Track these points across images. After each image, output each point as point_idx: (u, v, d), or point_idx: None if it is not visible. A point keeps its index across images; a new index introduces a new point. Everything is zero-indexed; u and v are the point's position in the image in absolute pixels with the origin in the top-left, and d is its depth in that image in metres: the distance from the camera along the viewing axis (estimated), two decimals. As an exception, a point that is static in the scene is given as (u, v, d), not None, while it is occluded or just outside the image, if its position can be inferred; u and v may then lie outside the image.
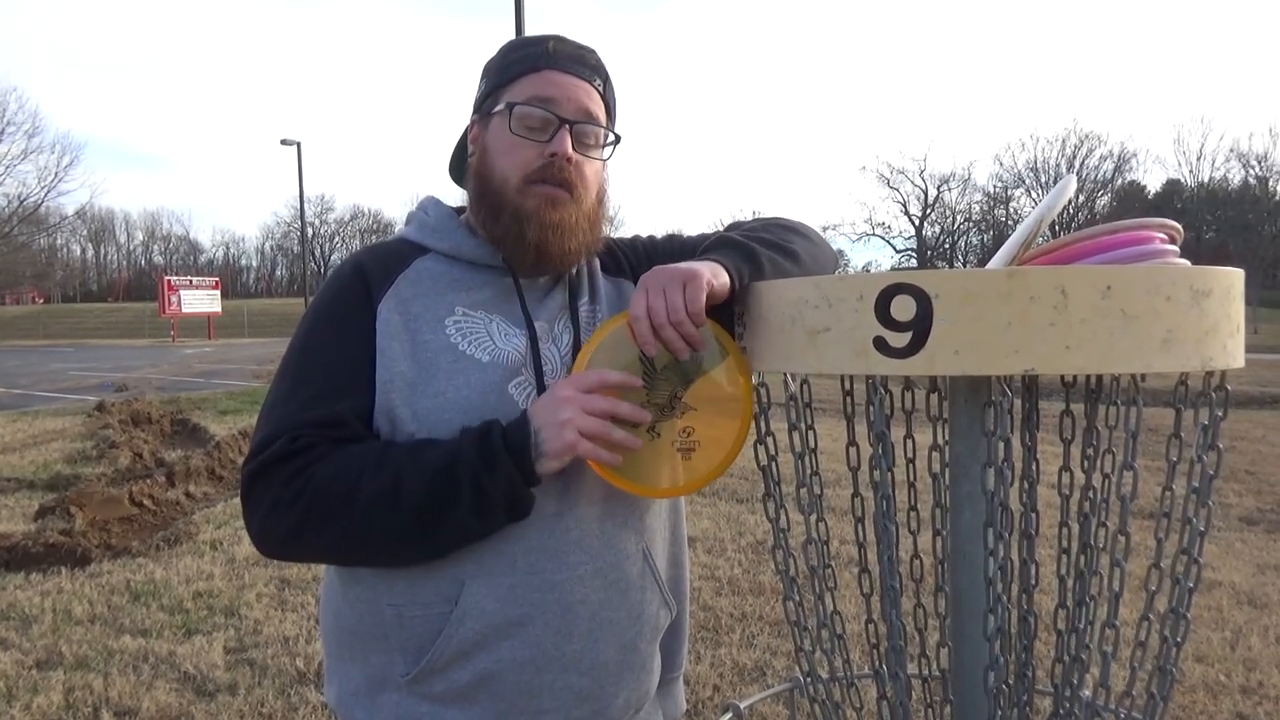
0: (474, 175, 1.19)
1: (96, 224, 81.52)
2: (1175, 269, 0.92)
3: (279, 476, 1.05)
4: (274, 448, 1.06)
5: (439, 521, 1.04)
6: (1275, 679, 3.48)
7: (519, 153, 1.14)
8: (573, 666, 1.12)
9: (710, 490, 6.54)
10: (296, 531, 1.05)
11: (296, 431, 1.07)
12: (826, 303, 0.97)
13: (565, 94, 1.15)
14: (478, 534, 1.07)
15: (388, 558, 1.09)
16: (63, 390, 15.16)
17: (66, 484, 6.72)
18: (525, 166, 1.14)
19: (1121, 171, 55.48)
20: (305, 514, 1.04)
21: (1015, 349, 0.88)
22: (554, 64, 1.16)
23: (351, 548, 1.08)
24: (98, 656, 3.67)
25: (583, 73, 1.17)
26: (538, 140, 1.14)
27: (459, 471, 1.03)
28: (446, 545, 1.07)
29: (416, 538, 1.05)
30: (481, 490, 1.03)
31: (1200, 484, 1.08)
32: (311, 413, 1.08)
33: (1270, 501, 6.42)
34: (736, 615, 4.10)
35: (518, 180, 1.14)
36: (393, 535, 1.05)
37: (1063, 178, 1.17)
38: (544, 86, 1.15)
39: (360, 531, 1.04)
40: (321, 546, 1.08)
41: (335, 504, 1.03)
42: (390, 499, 1.03)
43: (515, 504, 1.05)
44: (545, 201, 1.13)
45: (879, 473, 1.14)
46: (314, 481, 1.04)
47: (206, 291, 40.11)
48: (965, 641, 1.10)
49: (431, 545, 1.07)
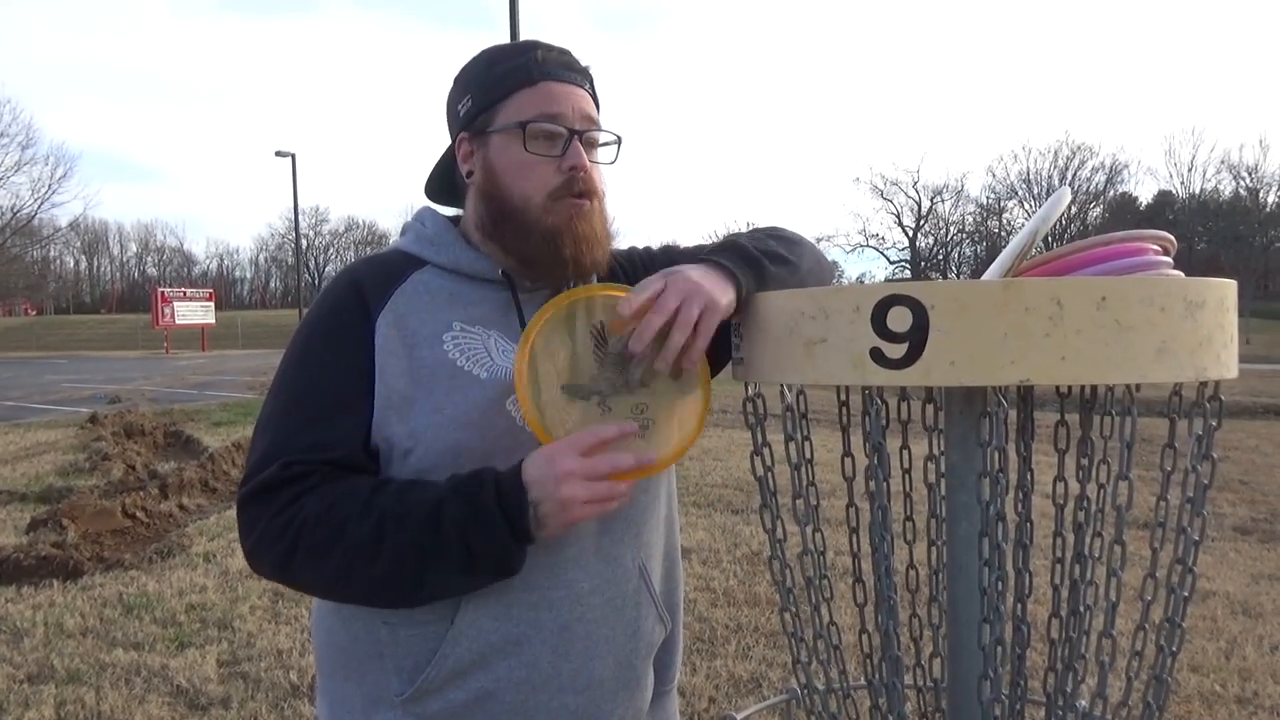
0: (484, 197, 1.16)
1: (90, 236, 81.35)
2: (1169, 280, 0.93)
3: (269, 507, 1.04)
4: (267, 473, 1.05)
5: (420, 575, 1.02)
6: (1270, 689, 3.48)
7: (537, 172, 1.13)
8: (569, 686, 1.11)
9: (705, 501, 6.53)
10: (282, 566, 1.05)
11: (290, 457, 1.05)
12: (823, 314, 0.97)
13: (568, 104, 1.14)
14: (462, 591, 1.05)
15: (370, 602, 1.08)
16: (55, 402, 15.10)
17: (59, 496, 6.69)
18: (546, 185, 1.12)
19: (1114, 183, 55.85)
20: (290, 551, 1.03)
21: (1011, 360, 0.88)
22: (548, 74, 1.14)
23: (333, 591, 1.08)
24: (90, 670, 3.65)
25: (574, 78, 1.16)
26: (551, 156, 1.13)
27: (446, 529, 1.00)
28: (427, 597, 1.05)
29: (396, 588, 1.03)
30: (471, 551, 1.01)
31: (1195, 494, 1.08)
32: (307, 436, 1.06)
33: (1264, 511, 6.43)
34: (732, 627, 4.09)
35: (541, 199, 1.13)
36: (373, 584, 1.03)
37: (1055, 189, 1.18)
38: (547, 100, 1.13)
39: (342, 578, 1.03)
40: (305, 584, 1.08)
41: (319, 547, 1.02)
42: (371, 549, 1.01)
43: (508, 566, 1.03)
44: (574, 215, 1.13)
45: (875, 483, 1.14)
46: (300, 519, 1.02)
47: (200, 303, 40.09)
48: (960, 652, 1.10)
49: (411, 596, 1.05)
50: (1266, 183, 51.03)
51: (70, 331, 50.93)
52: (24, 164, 42.62)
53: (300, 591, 1.14)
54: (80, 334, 49.34)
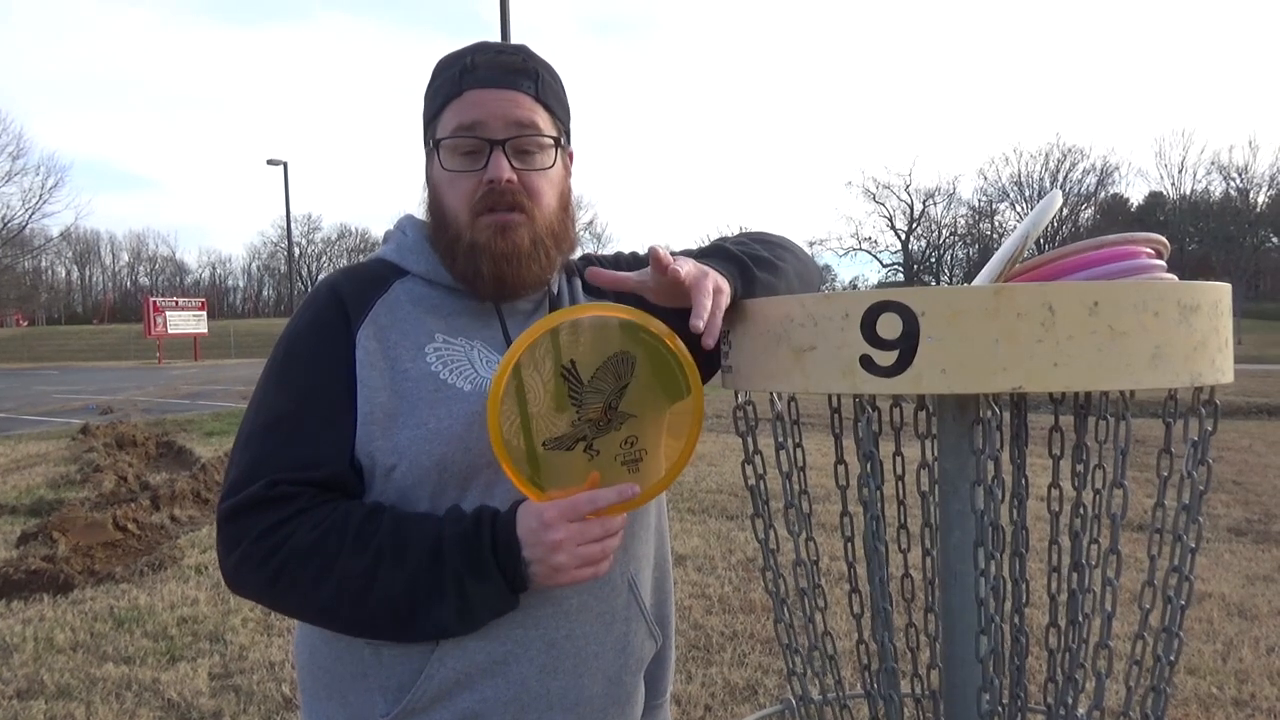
0: (428, 212, 1.16)
1: (82, 246, 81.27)
2: (1162, 284, 0.92)
3: (252, 529, 1.02)
4: (250, 491, 1.03)
5: (413, 615, 1.01)
6: (1267, 691, 3.48)
7: (459, 186, 1.11)
8: (557, 704, 1.09)
9: (700, 508, 6.51)
10: (266, 590, 1.03)
11: (276, 475, 1.03)
12: (812, 321, 0.96)
13: (489, 111, 1.09)
14: (457, 633, 1.04)
15: (356, 634, 1.06)
16: (47, 413, 15.02)
17: (49, 509, 6.64)
18: (469, 199, 1.10)
19: (1105, 185, 56.05)
20: (275, 578, 1.01)
21: (1003, 366, 0.87)
22: (475, 81, 1.10)
23: (319, 621, 1.07)
24: (80, 685, 3.62)
25: (507, 80, 1.11)
26: (474, 170, 1.10)
27: (444, 576, 1.00)
28: (420, 636, 1.04)
29: (387, 624, 1.02)
30: (467, 599, 1.01)
31: (1190, 500, 1.07)
32: (291, 453, 1.04)
33: (1258, 512, 6.44)
34: (727, 634, 4.07)
35: (466, 215, 1.10)
36: (362, 619, 1.02)
37: (1047, 191, 1.16)
38: (466, 110, 1.09)
39: (330, 610, 1.02)
40: (288, 611, 1.07)
41: (307, 577, 1.00)
42: (364, 586, 1.00)
43: (500, 612, 1.04)
44: (494, 231, 1.09)
45: (868, 491, 1.12)
46: (288, 546, 1.00)
47: (192, 312, 39.99)
48: (957, 663, 1.08)
49: (402, 634, 1.04)
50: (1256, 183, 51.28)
51: (62, 342, 50.79)
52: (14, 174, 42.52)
53: (279, 614, 1.12)
54: (72, 344, 49.21)
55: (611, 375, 1.02)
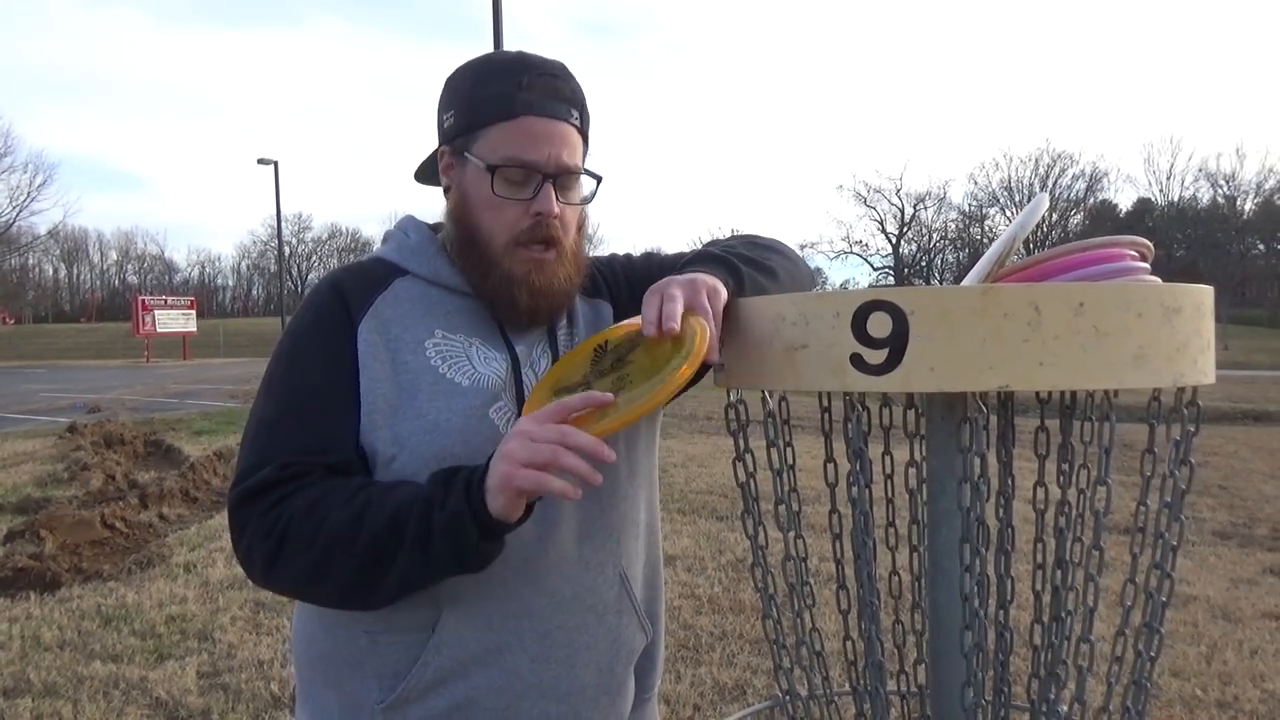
0: (454, 220, 1.16)
1: (70, 244, 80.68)
2: (1146, 286, 0.94)
3: (261, 505, 1.03)
4: (261, 474, 1.04)
5: (388, 562, 0.99)
6: (1250, 693, 3.51)
7: (504, 213, 1.11)
8: (549, 693, 1.11)
9: (690, 508, 6.53)
10: (272, 561, 1.03)
11: (287, 458, 1.04)
12: (804, 320, 0.97)
13: (545, 146, 1.10)
14: (416, 578, 1.00)
15: (346, 600, 1.06)
16: (34, 412, 14.94)
17: (36, 507, 6.62)
18: (512, 228, 1.11)
19: (1093, 190, 56.44)
20: (280, 544, 1.02)
21: (990, 365, 0.89)
22: (529, 108, 1.09)
23: (316, 581, 1.03)
24: (67, 683, 3.60)
25: (560, 111, 1.11)
26: (520, 199, 1.11)
27: (415, 507, 0.98)
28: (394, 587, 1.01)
29: (368, 577, 1.00)
30: (429, 526, 0.97)
31: (1173, 499, 1.09)
32: (300, 440, 1.06)
33: (1243, 516, 6.49)
34: (716, 634, 4.08)
35: (505, 241, 1.12)
36: (349, 571, 1.00)
37: (1036, 196, 1.18)
38: (522, 141, 1.09)
39: (322, 564, 1.01)
40: (292, 578, 1.05)
41: (305, 535, 1.00)
42: (350, 532, 0.99)
43: (460, 545, 0.97)
44: (534, 267, 1.12)
45: (857, 489, 1.14)
46: (288, 513, 1.01)
47: (181, 311, 39.78)
48: (943, 658, 1.10)
49: (380, 587, 1.01)
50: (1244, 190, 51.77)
51: (49, 340, 50.47)
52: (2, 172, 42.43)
53: (285, 594, 1.12)
54: (59, 343, 48.91)
55: (627, 345, 1.09)
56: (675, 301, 1.01)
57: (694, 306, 1.03)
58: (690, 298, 1.03)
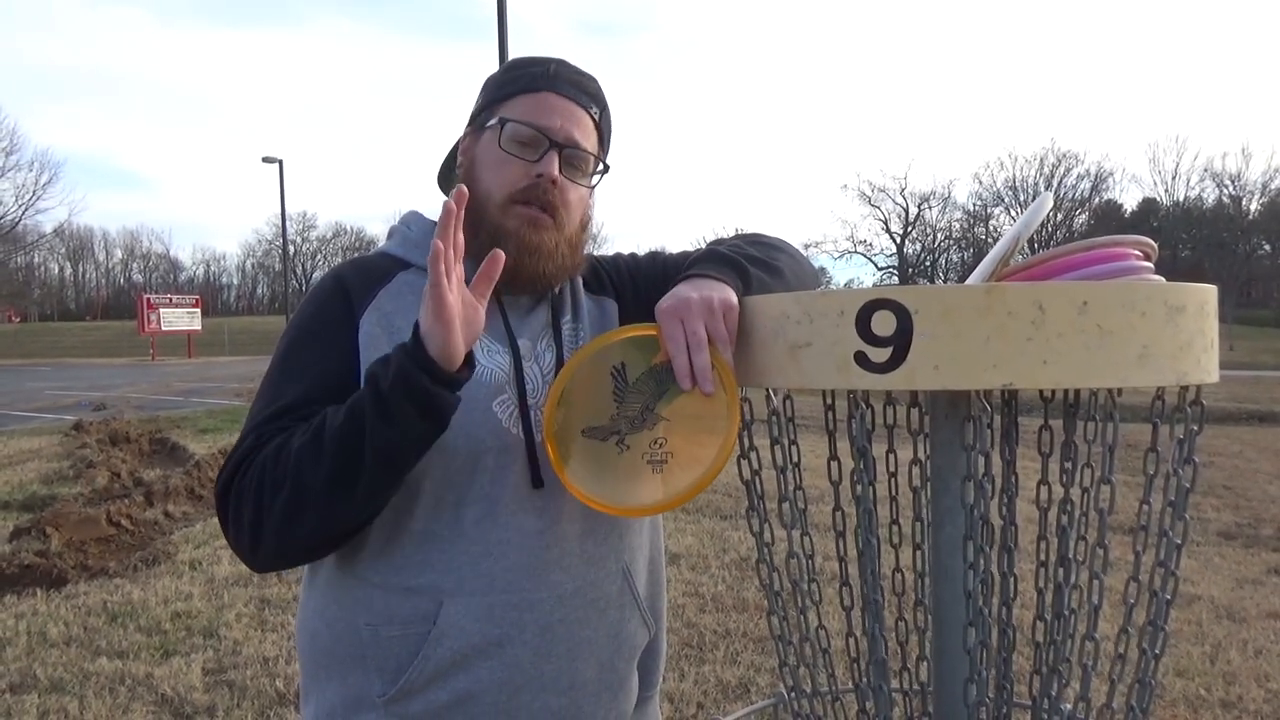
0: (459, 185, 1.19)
1: (75, 242, 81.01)
2: (1150, 285, 0.94)
3: (239, 473, 1.05)
4: (239, 450, 1.06)
5: (357, 454, 0.97)
6: (1254, 693, 3.50)
7: (506, 169, 1.14)
8: (550, 687, 1.11)
9: (693, 507, 6.53)
10: (257, 522, 1.02)
11: (261, 429, 1.06)
12: (808, 318, 0.98)
13: (560, 118, 1.15)
14: (390, 458, 0.99)
15: (334, 516, 1.02)
16: (40, 410, 14.98)
17: (42, 504, 6.63)
18: (511, 185, 1.14)
19: (1099, 190, 56.27)
20: (259, 495, 1.01)
21: (993, 364, 0.89)
22: (553, 86, 1.16)
23: (297, 516, 1.01)
24: (73, 679, 3.62)
25: (580, 98, 1.18)
26: (526, 159, 1.14)
27: (364, 392, 0.99)
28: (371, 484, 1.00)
29: (343, 480, 0.98)
30: (380, 395, 0.97)
31: (1177, 498, 1.09)
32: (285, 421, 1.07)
33: (1248, 516, 6.48)
34: (720, 632, 4.09)
35: (501, 198, 1.14)
36: (323, 484, 0.98)
37: (1040, 195, 1.19)
38: (539, 107, 1.15)
39: (296, 493, 0.99)
40: (274, 530, 1.02)
41: (278, 473, 1.01)
42: (313, 446, 0.99)
43: (416, 395, 0.96)
44: (526, 223, 1.13)
45: (860, 487, 1.14)
46: (260, 461, 1.03)
47: (186, 309, 39.85)
48: (946, 655, 1.10)
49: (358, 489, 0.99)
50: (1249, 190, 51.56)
51: (55, 338, 50.60)
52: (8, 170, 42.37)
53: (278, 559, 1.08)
54: (65, 341, 49.01)
55: (654, 381, 1.09)
56: (703, 351, 1.03)
57: (714, 336, 1.04)
58: (712, 329, 1.04)
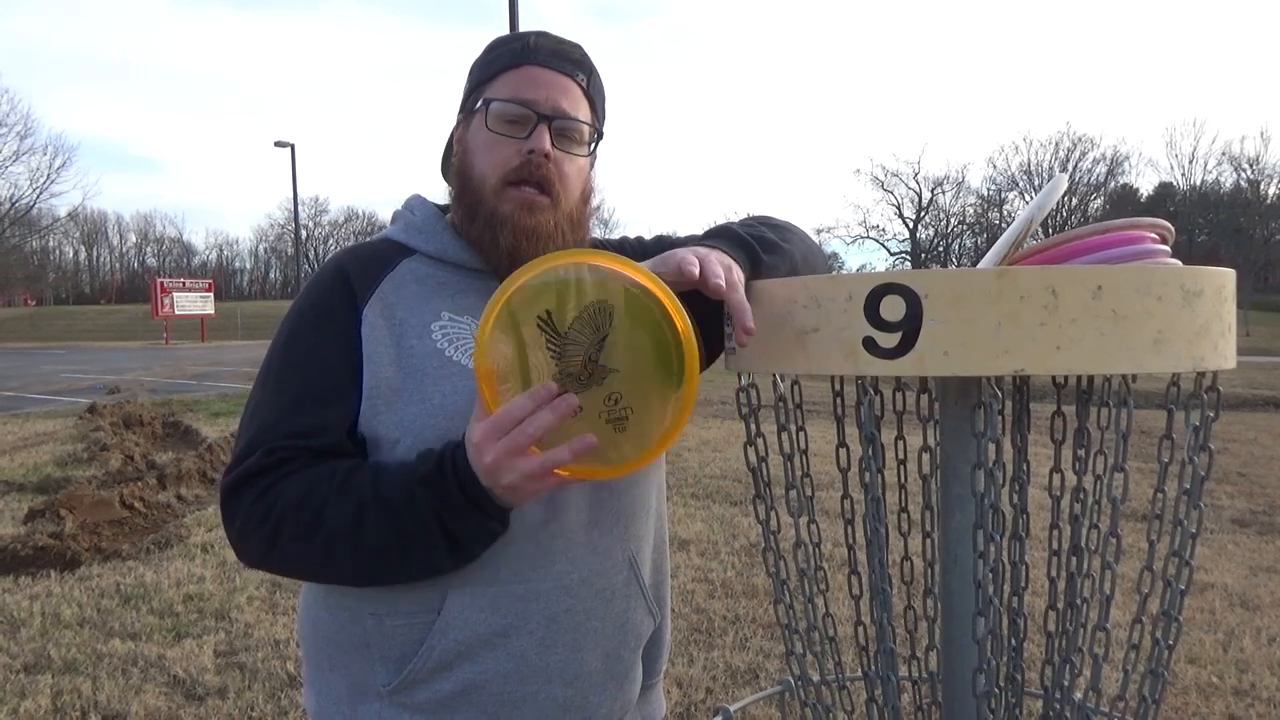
0: (455, 174, 1.18)
1: (89, 226, 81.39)
2: (1166, 269, 0.92)
3: (251, 492, 1.04)
4: (250, 461, 1.05)
5: (407, 558, 1.01)
6: (1268, 681, 3.48)
7: (497, 150, 1.12)
8: (556, 677, 1.10)
9: (704, 493, 6.53)
10: (266, 551, 1.05)
11: (274, 444, 1.05)
12: (816, 303, 0.96)
13: (545, 90, 1.13)
14: (457, 566, 1.04)
15: (362, 583, 1.07)
16: (54, 392, 15.09)
17: (56, 487, 6.68)
18: (503, 165, 1.12)
19: (1114, 174, 55.75)
20: (274, 536, 1.02)
21: (1005, 349, 0.87)
22: (535, 59, 1.14)
23: (320, 575, 1.08)
24: (86, 660, 3.65)
25: (564, 68, 1.15)
26: (515, 137, 1.12)
27: (424, 517, 0.99)
28: (420, 576, 1.05)
29: (385, 567, 1.03)
30: (453, 536, 1.00)
31: (1191, 485, 1.07)
32: (290, 424, 1.06)
33: (1262, 503, 6.43)
34: (729, 618, 4.09)
35: (495, 181, 1.12)
36: (359, 565, 1.03)
37: (1054, 177, 1.16)
38: (523, 82, 1.13)
39: (327, 563, 1.03)
40: (290, 568, 1.07)
41: (300, 530, 1.01)
42: (354, 534, 1.00)
43: (493, 536, 1.02)
44: (521, 206, 1.11)
45: (869, 474, 1.13)
46: (280, 505, 1.02)
47: (200, 293, 40.00)
48: (955, 644, 1.09)
49: (403, 575, 1.04)
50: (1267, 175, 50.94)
51: (69, 322, 50.93)
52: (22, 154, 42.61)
53: (289, 577, 1.13)
54: (79, 324, 49.34)
55: (590, 327, 0.93)
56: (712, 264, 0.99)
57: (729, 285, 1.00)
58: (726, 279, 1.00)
